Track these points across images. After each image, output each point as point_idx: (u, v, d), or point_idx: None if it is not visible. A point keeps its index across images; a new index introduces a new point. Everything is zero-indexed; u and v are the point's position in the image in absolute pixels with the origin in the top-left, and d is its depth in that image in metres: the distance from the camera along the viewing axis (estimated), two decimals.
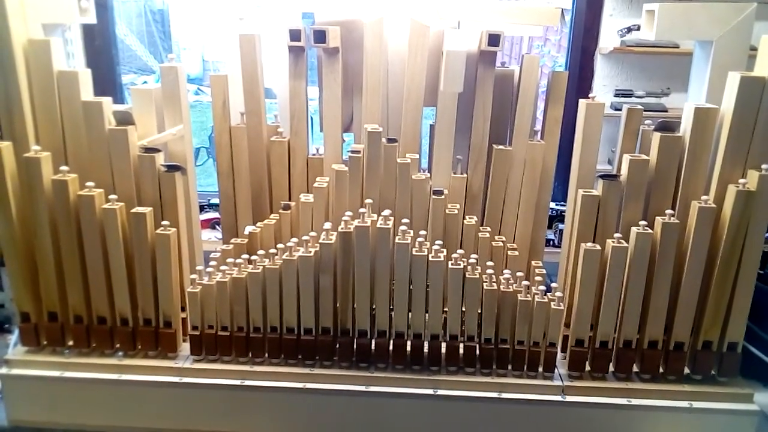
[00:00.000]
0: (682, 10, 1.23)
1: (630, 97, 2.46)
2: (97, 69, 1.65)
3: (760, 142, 1.11)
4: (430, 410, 1.18)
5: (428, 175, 1.34)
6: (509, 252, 1.36)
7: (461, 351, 1.20)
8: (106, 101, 1.17)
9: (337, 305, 1.19)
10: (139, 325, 1.22)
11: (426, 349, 1.20)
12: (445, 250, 1.15)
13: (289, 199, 1.45)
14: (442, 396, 1.17)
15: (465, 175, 1.39)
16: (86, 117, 1.17)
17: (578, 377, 1.19)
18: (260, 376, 1.19)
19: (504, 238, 1.39)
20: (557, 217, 2.00)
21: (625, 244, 1.12)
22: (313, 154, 1.45)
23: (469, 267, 1.15)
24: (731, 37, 1.22)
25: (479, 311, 1.16)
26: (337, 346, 1.21)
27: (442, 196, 1.31)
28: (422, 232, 1.18)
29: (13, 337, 1.30)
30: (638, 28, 2.37)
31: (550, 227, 1.87)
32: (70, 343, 1.24)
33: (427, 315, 1.18)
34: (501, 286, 1.15)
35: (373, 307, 1.18)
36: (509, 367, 1.20)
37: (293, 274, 1.15)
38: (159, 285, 1.18)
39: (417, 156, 1.34)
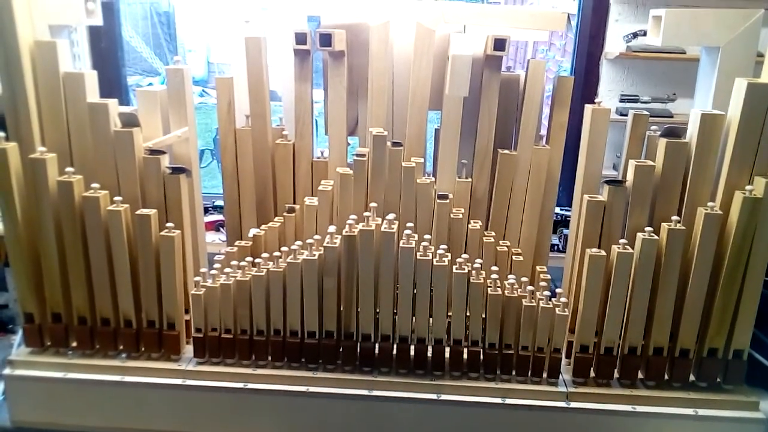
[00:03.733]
0: (689, 15, 1.22)
1: (636, 102, 2.45)
2: (103, 71, 1.66)
3: (767, 148, 1.10)
4: (434, 415, 1.18)
5: (433, 179, 1.34)
6: (514, 257, 1.36)
7: (465, 356, 1.19)
8: (112, 103, 1.18)
9: (341, 309, 1.19)
10: (143, 327, 1.22)
11: (430, 353, 1.20)
12: (449, 255, 1.15)
13: (294, 202, 1.45)
14: (446, 401, 1.17)
15: (470, 180, 1.38)
16: (92, 118, 1.17)
17: (583, 383, 1.19)
18: (263, 379, 1.19)
19: (509, 243, 1.39)
20: (562, 222, 1.99)
21: (631, 251, 1.11)
22: (318, 157, 1.45)
23: (473, 272, 1.14)
24: (738, 44, 1.22)
25: (483, 316, 1.16)
26: (341, 349, 1.21)
27: (447, 201, 1.31)
28: (427, 237, 1.18)
29: (17, 338, 1.30)
30: (644, 34, 2.36)
31: (554, 232, 1.86)
32: (74, 344, 1.24)
33: (431, 319, 1.17)
34: (505, 291, 1.15)
35: (377, 311, 1.18)
36: (513, 372, 1.19)
37: (297, 277, 1.15)
38: (163, 287, 1.18)
39: (422, 160, 1.34)
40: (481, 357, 1.19)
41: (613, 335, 1.16)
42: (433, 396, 1.17)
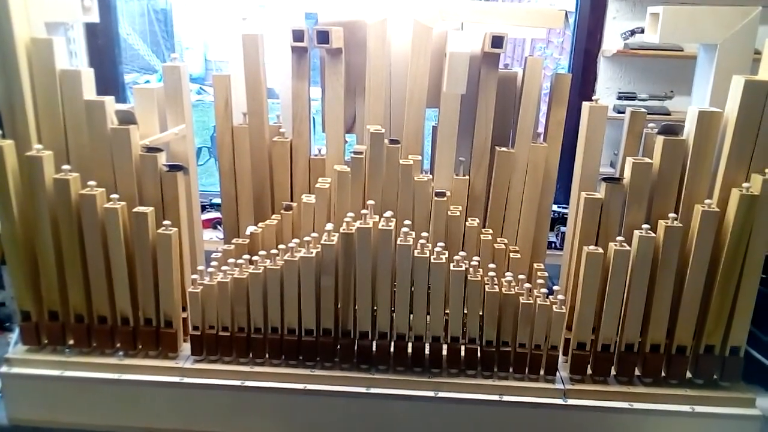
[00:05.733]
0: (686, 13, 1.22)
1: (633, 100, 2.46)
2: (100, 68, 1.65)
3: (764, 146, 1.10)
4: (431, 412, 1.18)
5: (430, 176, 1.34)
6: (511, 254, 1.36)
7: (462, 353, 1.19)
8: (109, 100, 1.17)
9: (339, 306, 1.19)
10: (140, 324, 1.21)
11: (427, 351, 1.20)
12: (446, 252, 1.15)
13: (291, 200, 1.45)
14: (443, 398, 1.17)
15: (467, 177, 1.38)
16: (88, 116, 1.17)
17: (580, 380, 1.19)
18: (261, 376, 1.19)
19: (506, 241, 1.39)
20: (559, 220, 1.99)
21: (628, 248, 1.11)
22: (315, 155, 1.45)
23: (470, 269, 1.14)
24: (736, 41, 1.22)
25: (481, 313, 1.16)
26: (338, 347, 1.21)
27: (444, 198, 1.31)
28: (424, 234, 1.18)
29: (14, 336, 1.29)
30: (642, 31, 2.36)
31: (552, 230, 1.86)
32: (71, 342, 1.24)
33: (428, 317, 1.17)
34: (503, 289, 1.15)
35: (375, 308, 1.18)
36: (510, 369, 1.19)
37: (294, 275, 1.15)
38: (160, 285, 1.18)
39: (419, 157, 1.34)
40: (479, 354, 1.19)
41: (610, 332, 1.16)
42: (431, 393, 1.17)
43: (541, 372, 1.18)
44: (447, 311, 1.17)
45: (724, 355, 1.18)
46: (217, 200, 2.04)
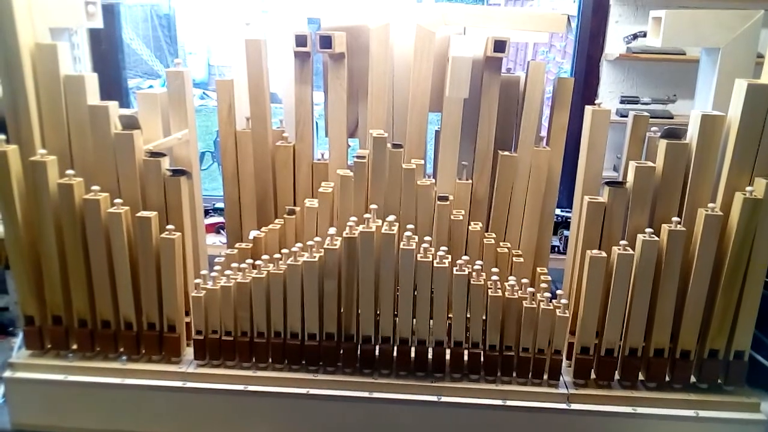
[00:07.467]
0: (688, 17, 1.23)
1: (636, 103, 2.45)
2: (104, 73, 1.66)
3: (767, 149, 1.10)
4: (434, 417, 1.18)
5: (433, 180, 1.34)
6: (514, 258, 1.36)
7: (465, 358, 1.19)
8: (112, 105, 1.18)
9: (341, 311, 1.19)
10: (143, 329, 1.22)
11: (430, 355, 1.20)
12: (449, 257, 1.15)
13: (294, 204, 1.45)
14: (446, 403, 1.17)
15: (470, 181, 1.38)
16: (92, 121, 1.17)
17: (583, 385, 1.19)
18: (264, 381, 1.19)
19: (509, 245, 1.39)
20: (562, 224, 1.99)
21: (631, 252, 1.11)
22: (318, 159, 1.45)
23: (473, 273, 1.14)
24: (738, 45, 1.22)
25: (484, 318, 1.16)
26: (341, 351, 1.21)
27: (447, 202, 1.31)
28: (427, 238, 1.18)
29: (18, 341, 1.30)
30: (644, 35, 2.36)
31: (555, 234, 1.86)
32: (74, 346, 1.24)
33: (431, 321, 1.17)
34: (506, 293, 1.15)
35: (378, 313, 1.18)
36: (514, 374, 1.19)
37: (297, 280, 1.15)
38: (163, 289, 1.18)
39: (422, 162, 1.34)
40: (482, 359, 1.19)
41: (614, 337, 1.16)
42: (434, 398, 1.17)
43: (545, 376, 1.18)
44: (450, 315, 1.17)
45: (728, 360, 1.17)
46: (220, 205, 2.04)
